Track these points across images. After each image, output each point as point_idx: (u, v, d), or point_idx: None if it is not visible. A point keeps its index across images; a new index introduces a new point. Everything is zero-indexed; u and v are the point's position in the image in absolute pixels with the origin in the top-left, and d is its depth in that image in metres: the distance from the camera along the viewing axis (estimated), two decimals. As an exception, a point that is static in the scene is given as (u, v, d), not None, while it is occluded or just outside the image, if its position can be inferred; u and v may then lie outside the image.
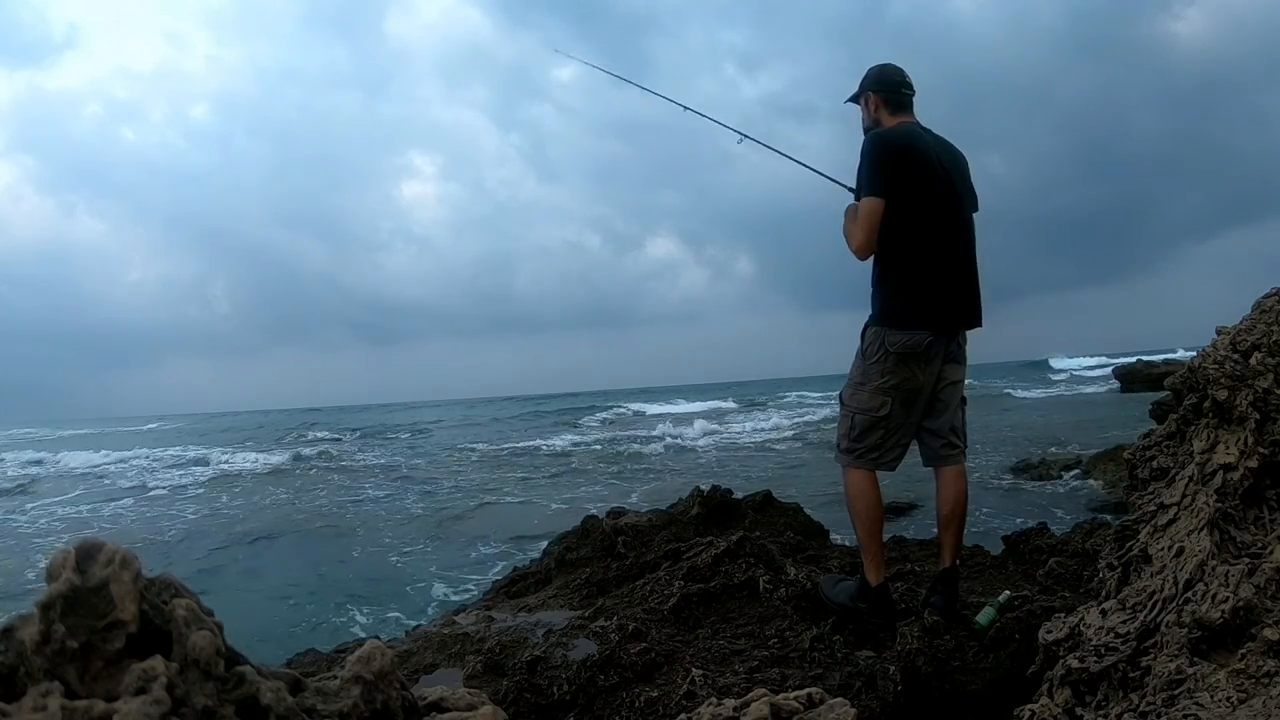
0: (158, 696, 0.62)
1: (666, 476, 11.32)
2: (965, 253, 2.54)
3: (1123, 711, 1.46)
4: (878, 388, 2.46)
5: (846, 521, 2.67)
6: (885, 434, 2.48)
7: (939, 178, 2.47)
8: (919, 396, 2.49)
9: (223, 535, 8.54)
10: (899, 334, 2.43)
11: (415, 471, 14.39)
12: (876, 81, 2.61)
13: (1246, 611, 1.48)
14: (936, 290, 2.45)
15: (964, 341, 2.57)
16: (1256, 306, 2.01)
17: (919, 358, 2.44)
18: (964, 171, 2.60)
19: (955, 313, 2.51)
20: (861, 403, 2.50)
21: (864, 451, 2.51)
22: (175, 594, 0.71)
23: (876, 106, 2.59)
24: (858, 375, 2.53)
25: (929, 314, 2.44)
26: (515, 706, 2.13)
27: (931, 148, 2.50)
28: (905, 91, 2.59)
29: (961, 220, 2.54)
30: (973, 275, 2.56)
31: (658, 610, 2.65)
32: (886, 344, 2.44)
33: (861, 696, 2.05)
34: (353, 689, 0.78)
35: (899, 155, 2.45)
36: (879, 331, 2.48)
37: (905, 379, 2.45)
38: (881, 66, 2.63)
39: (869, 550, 2.52)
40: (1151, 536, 1.82)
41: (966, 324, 2.55)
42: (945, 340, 2.48)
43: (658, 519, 3.85)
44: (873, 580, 2.50)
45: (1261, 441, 1.78)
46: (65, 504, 11.62)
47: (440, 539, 7.70)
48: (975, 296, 2.56)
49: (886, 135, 2.51)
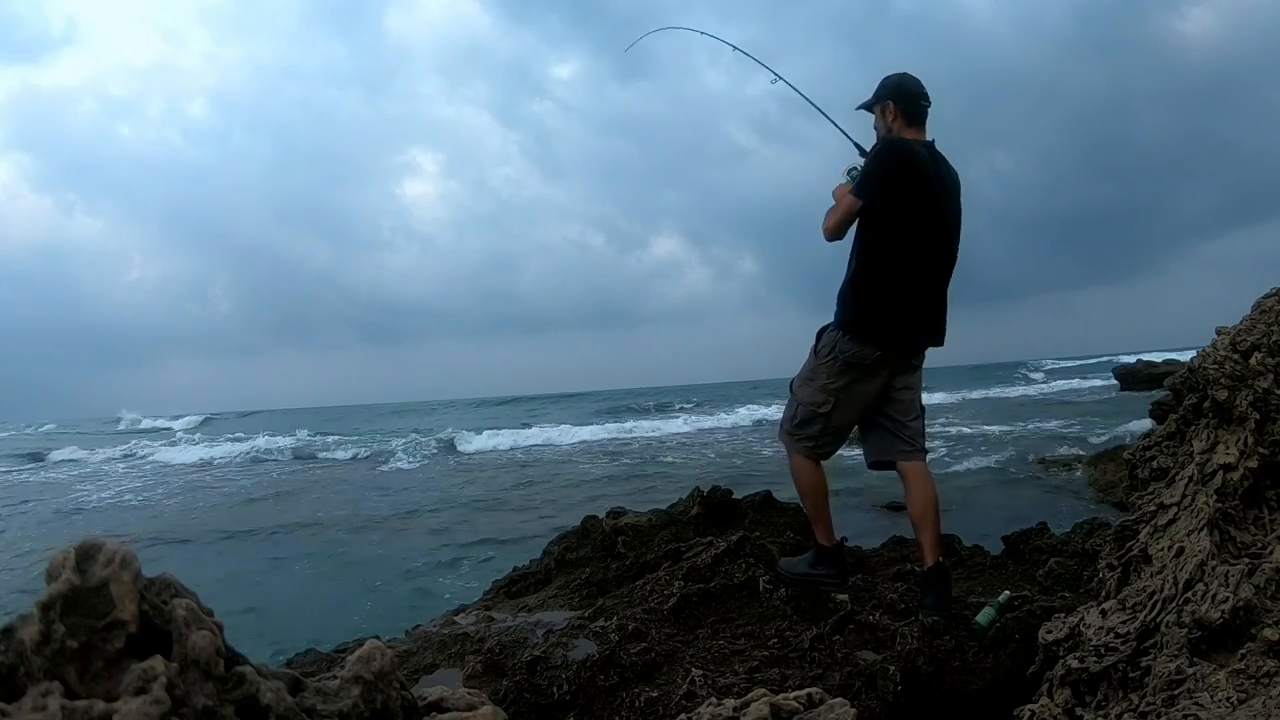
0: (158, 696, 0.62)
1: (666, 476, 11.32)
2: (940, 278, 2.63)
3: (1123, 711, 1.46)
4: (822, 386, 2.62)
5: (847, 521, 2.73)
6: (823, 429, 2.66)
7: (931, 203, 2.55)
8: (861, 401, 2.64)
9: (223, 534, 8.54)
10: (852, 345, 2.56)
11: (415, 471, 14.40)
12: (896, 91, 2.63)
13: (1246, 611, 1.48)
14: (900, 313, 2.56)
15: (921, 359, 2.70)
16: (1256, 306, 2.01)
17: (866, 369, 2.58)
18: (956, 200, 2.67)
19: (914, 334, 2.62)
20: (807, 396, 2.67)
21: (802, 439, 2.69)
22: (175, 594, 0.71)
23: (894, 116, 2.63)
24: (808, 370, 2.69)
25: (885, 334, 2.56)
26: (515, 706, 2.13)
27: (932, 173, 2.56)
28: (923, 104, 2.64)
29: (945, 248, 2.62)
30: (942, 299, 2.66)
31: (658, 610, 2.65)
32: (839, 350, 2.58)
33: (861, 696, 2.04)
34: (353, 689, 0.78)
35: (901, 172, 2.52)
36: (835, 336, 2.61)
37: (849, 383, 2.60)
38: (901, 77, 2.66)
39: (818, 520, 2.72)
40: (1151, 536, 1.82)
41: (926, 344, 2.68)
42: (895, 358, 2.60)
43: (658, 519, 3.84)
44: (825, 543, 2.70)
45: (1261, 441, 1.78)
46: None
47: (440, 539, 7.70)
48: (940, 319, 2.67)
49: (899, 148, 2.56)
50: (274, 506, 10.74)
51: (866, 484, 7.80)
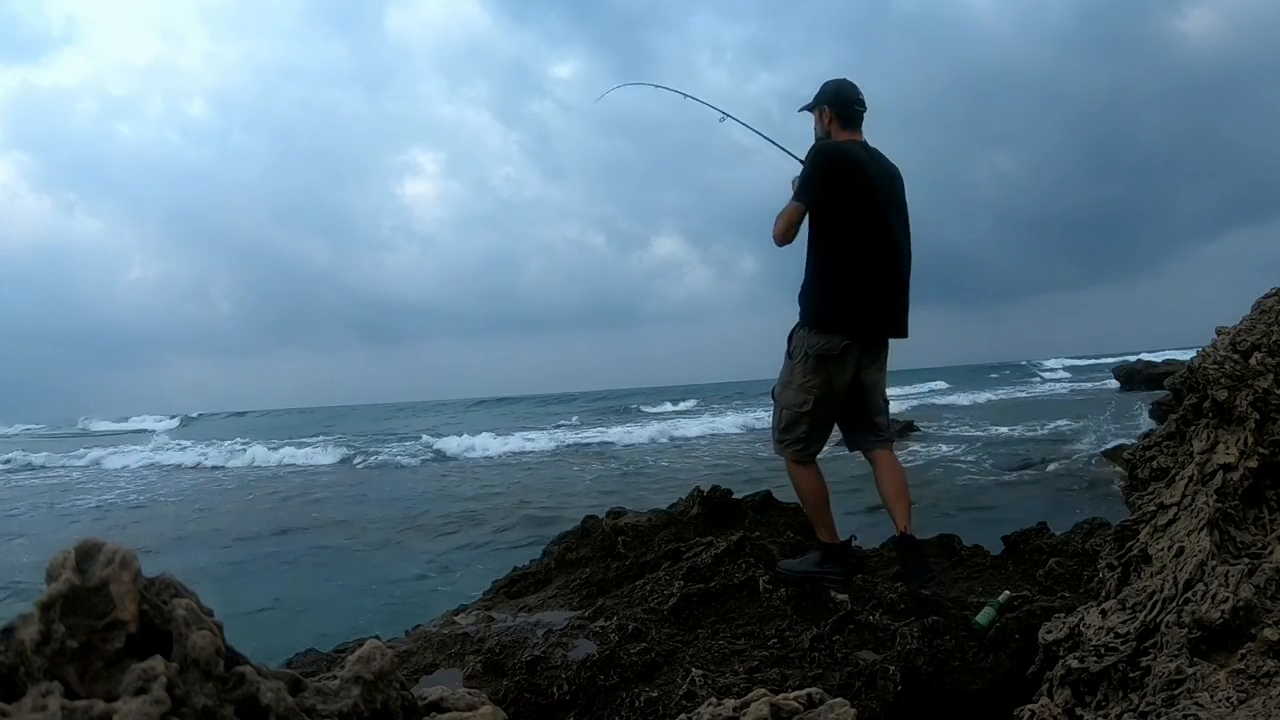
0: (157, 696, 0.62)
1: (666, 476, 11.32)
2: (892, 268, 2.75)
3: (1123, 711, 1.46)
4: (800, 386, 2.73)
5: (846, 522, 2.76)
6: (809, 428, 2.76)
7: (872, 196, 2.68)
8: (838, 394, 2.74)
9: (222, 535, 8.54)
10: (818, 338, 2.68)
11: (415, 472, 14.40)
12: (833, 97, 2.81)
13: (1246, 611, 1.48)
14: (857, 300, 2.68)
15: (885, 349, 2.81)
16: (1256, 306, 2.01)
17: (836, 360, 2.69)
18: (899, 193, 2.82)
19: (875, 322, 2.74)
20: (788, 400, 2.77)
21: (791, 442, 2.78)
22: (175, 594, 0.71)
23: (830, 120, 2.81)
24: (785, 374, 2.81)
25: (847, 321, 2.68)
26: (515, 706, 2.13)
27: (870, 169, 2.71)
28: (858, 109, 2.81)
29: (890, 238, 2.74)
30: (901, 289, 2.78)
31: (658, 610, 2.65)
32: (808, 346, 2.70)
33: (861, 696, 2.04)
34: (353, 689, 0.78)
35: (837, 171, 2.67)
36: (803, 335, 2.73)
37: (825, 379, 2.71)
38: (839, 83, 2.83)
39: (820, 521, 2.80)
40: (1151, 536, 1.82)
41: (888, 334, 2.79)
42: (861, 346, 2.71)
43: (657, 519, 3.84)
44: (829, 541, 2.77)
45: (1261, 441, 1.78)
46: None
47: (440, 539, 7.70)
48: (901, 309, 2.79)
49: (830, 150, 2.74)
50: (274, 507, 10.75)
51: (865, 484, 7.81)
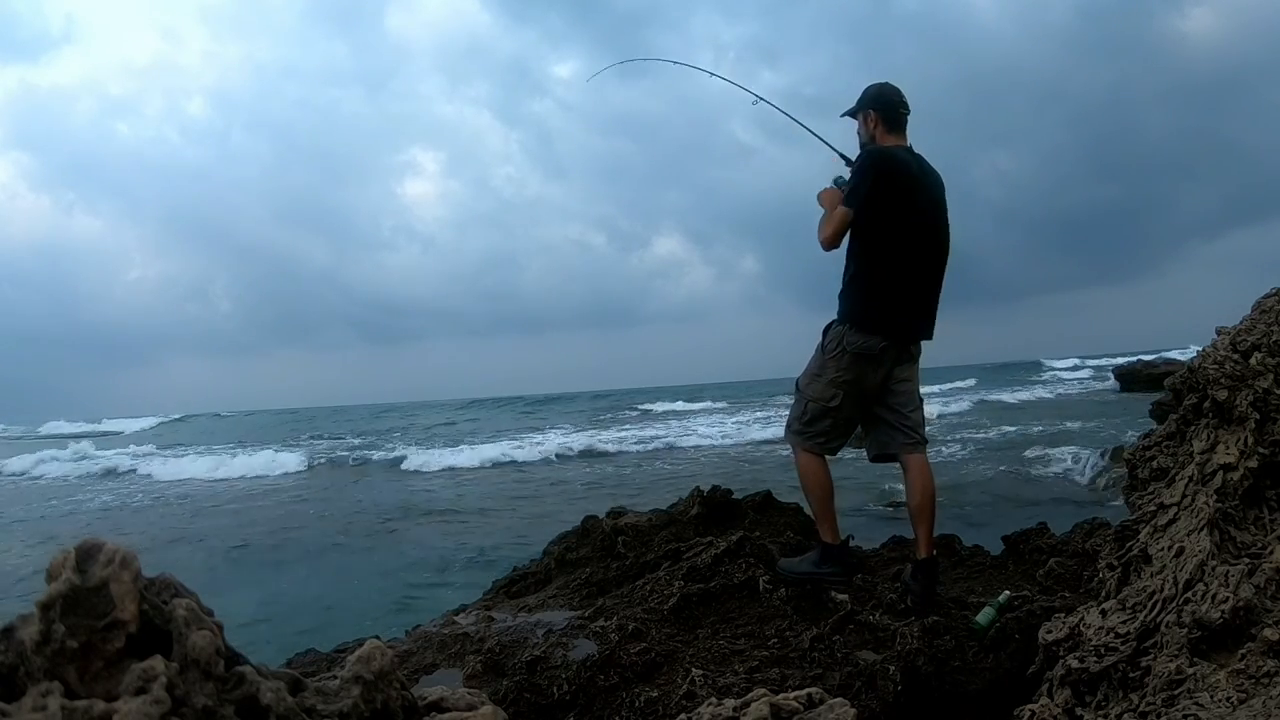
0: (158, 696, 0.62)
1: (666, 476, 11.32)
2: (933, 273, 2.76)
3: (1123, 711, 1.46)
4: (831, 381, 2.69)
5: (846, 522, 2.76)
6: (833, 423, 2.73)
7: (920, 204, 2.69)
8: (867, 394, 2.72)
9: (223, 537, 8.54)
10: (858, 336, 2.66)
11: (415, 473, 14.40)
12: (876, 100, 2.77)
13: (1246, 611, 1.48)
14: (900, 303, 2.68)
15: (918, 351, 2.79)
16: (1256, 306, 2.01)
17: (872, 359, 2.67)
18: (942, 199, 2.81)
19: (912, 325, 2.73)
20: (815, 392, 2.73)
21: (812, 435, 2.75)
22: (175, 594, 0.71)
23: (875, 124, 2.77)
24: (815, 367, 2.76)
25: (889, 323, 2.67)
26: (515, 706, 2.13)
27: (918, 175, 2.71)
28: (902, 111, 2.77)
29: (935, 243, 2.75)
30: (935, 294, 2.78)
31: (658, 610, 2.65)
32: (845, 343, 2.67)
33: (861, 696, 2.04)
34: (353, 689, 0.78)
35: (888, 177, 2.65)
36: (841, 330, 2.70)
37: (857, 377, 2.68)
38: (881, 86, 2.80)
39: (823, 518, 2.77)
40: (1151, 536, 1.82)
41: (920, 336, 2.78)
42: (898, 348, 2.70)
43: (658, 519, 3.84)
44: (831, 541, 2.74)
45: (1261, 441, 1.78)
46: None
47: (439, 539, 7.70)
48: (932, 313, 2.79)
49: (882, 156, 2.70)
50: (274, 507, 10.74)
51: (865, 484, 7.81)
